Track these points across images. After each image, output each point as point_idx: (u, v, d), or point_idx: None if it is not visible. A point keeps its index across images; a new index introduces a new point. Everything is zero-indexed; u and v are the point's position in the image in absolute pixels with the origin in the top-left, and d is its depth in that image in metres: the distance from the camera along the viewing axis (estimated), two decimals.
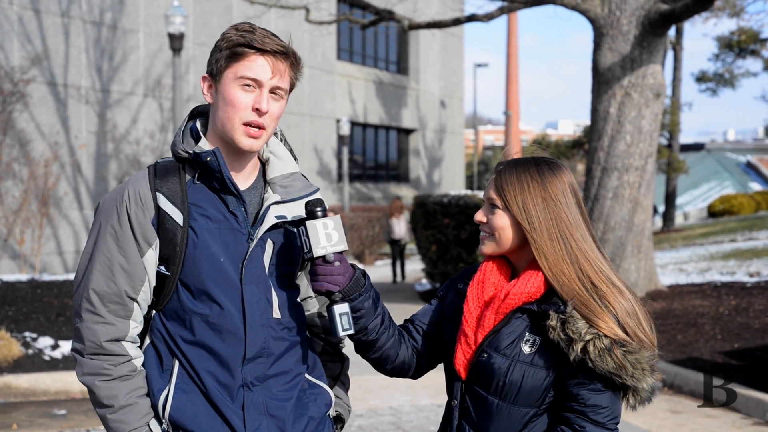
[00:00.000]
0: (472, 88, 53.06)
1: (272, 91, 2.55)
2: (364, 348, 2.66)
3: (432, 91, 38.09)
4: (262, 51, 2.51)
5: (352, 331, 2.51)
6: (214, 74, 2.56)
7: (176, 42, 16.27)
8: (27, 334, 9.48)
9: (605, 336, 2.34)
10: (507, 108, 52.07)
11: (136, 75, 21.63)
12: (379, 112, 34.88)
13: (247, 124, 2.53)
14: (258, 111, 2.53)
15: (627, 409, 2.46)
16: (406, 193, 35.32)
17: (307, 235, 2.47)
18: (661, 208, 35.77)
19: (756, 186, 51.47)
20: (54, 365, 8.90)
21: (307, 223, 2.47)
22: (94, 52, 20.57)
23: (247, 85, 2.52)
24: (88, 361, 2.55)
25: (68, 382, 8.50)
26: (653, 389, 2.39)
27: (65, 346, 9.28)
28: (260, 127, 2.55)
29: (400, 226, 20.04)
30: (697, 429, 7.26)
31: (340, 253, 2.49)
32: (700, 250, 20.53)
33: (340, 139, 30.25)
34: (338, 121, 30.96)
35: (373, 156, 36.35)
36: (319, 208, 2.48)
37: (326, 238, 2.46)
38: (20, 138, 18.28)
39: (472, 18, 14.96)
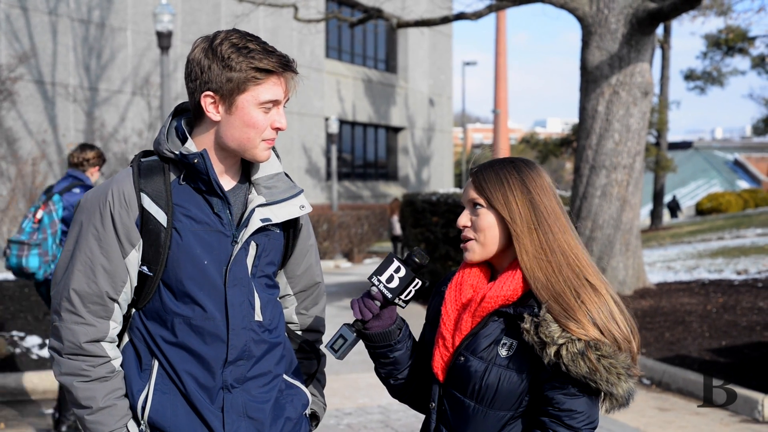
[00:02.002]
0: (461, 86, 53.06)
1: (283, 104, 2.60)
2: (397, 392, 2.73)
3: (421, 90, 38.09)
4: (278, 74, 2.52)
5: (336, 357, 2.55)
6: (222, 94, 2.51)
7: (164, 40, 16.23)
8: (14, 333, 9.45)
9: (579, 339, 2.32)
10: (496, 106, 52.13)
11: (124, 73, 21.58)
12: (368, 110, 34.87)
13: (265, 140, 2.56)
14: (278, 129, 2.57)
15: (603, 413, 2.45)
16: (395, 192, 35.32)
17: (381, 263, 2.53)
18: (649, 206, 35.85)
19: (743, 184, 51.68)
20: (42, 364, 8.88)
21: (390, 254, 2.53)
22: (82, 50, 20.51)
23: (267, 108, 2.53)
24: (66, 361, 2.53)
25: (56, 381, 8.46)
26: (629, 394, 2.36)
27: None
28: (275, 138, 2.61)
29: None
30: (685, 426, 7.28)
31: (389, 301, 2.52)
32: (688, 248, 20.59)
33: (329, 137, 30.24)
34: (327, 119, 30.95)
35: (362, 154, 36.34)
36: (416, 259, 2.51)
37: (388, 277, 2.50)
38: (7, 136, 18.23)
39: (460, 16, 14.95)
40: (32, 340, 9.31)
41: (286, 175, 2.77)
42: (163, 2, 16.40)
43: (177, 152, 2.56)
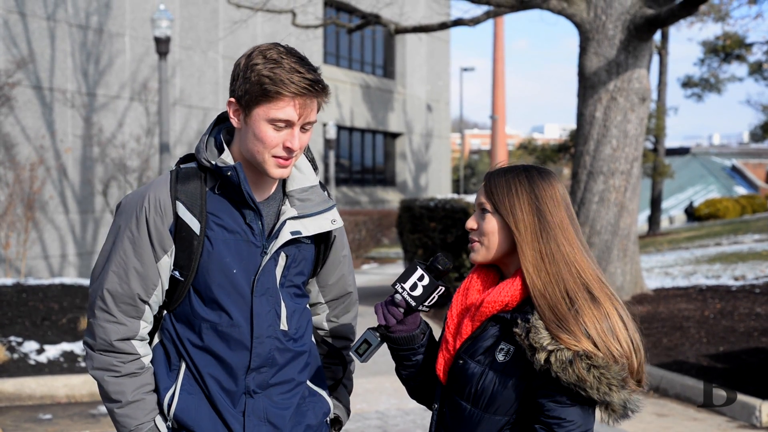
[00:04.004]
0: (459, 92, 53.10)
1: (302, 126, 2.57)
2: (417, 393, 2.76)
3: (418, 95, 38.11)
4: (293, 94, 2.50)
5: (361, 361, 2.56)
6: (241, 104, 2.54)
7: (162, 46, 16.23)
8: (12, 338, 9.44)
9: (567, 348, 2.32)
10: (493, 112, 52.12)
11: (122, 79, 21.57)
12: (366, 116, 34.88)
13: (276, 157, 2.56)
14: (288, 149, 2.55)
15: (602, 423, 2.43)
16: (393, 197, 35.32)
17: (405, 270, 2.54)
18: (646, 212, 35.85)
19: (741, 190, 51.67)
20: (39, 369, 8.87)
21: (417, 262, 2.53)
22: (80, 56, 20.51)
23: (279, 126, 2.52)
24: (98, 356, 2.61)
25: (53, 386, 8.47)
26: (626, 404, 2.32)
27: (50, 351, 9.25)
28: (290, 158, 2.59)
29: None
30: None
31: (413, 309, 2.54)
32: (685, 254, 20.59)
33: (327, 143, 30.24)
34: (325, 125, 30.95)
35: (360, 160, 36.34)
36: (438, 266, 2.53)
37: (412, 285, 2.51)
38: (5, 142, 18.21)
39: (458, 22, 14.97)
40: (30, 346, 9.30)
41: (322, 186, 2.78)
42: (161, 8, 16.40)
43: (213, 162, 2.60)
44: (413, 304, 2.52)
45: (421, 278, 2.51)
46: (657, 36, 28.43)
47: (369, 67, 36.18)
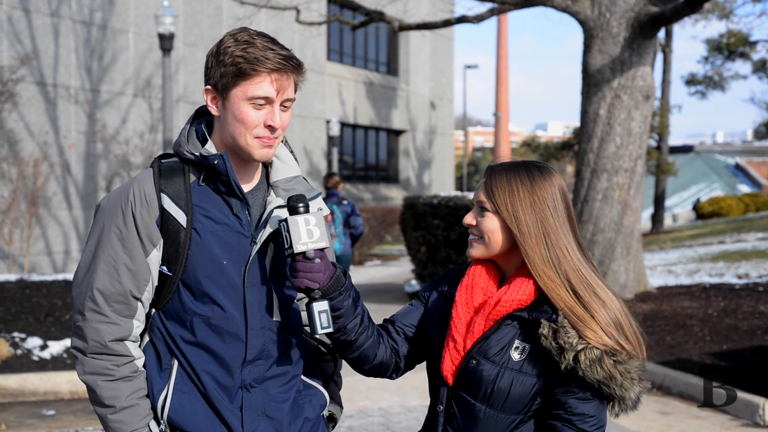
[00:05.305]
0: (462, 89, 53.13)
1: (282, 103, 2.56)
2: (342, 348, 2.63)
3: (422, 93, 38.08)
4: (269, 70, 2.50)
5: (330, 330, 2.48)
6: (218, 89, 2.54)
7: (166, 42, 16.24)
8: (16, 334, 9.45)
9: (595, 347, 2.35)
10: (497, 109, 52.13)
11: (125, 75, 21.58)
12: (369, 113, 34.86)
13: (259, 137, 2.55)
14: (270, 128, 2.54)
15: (612, 416, 2.47)
16: (396, 195, 35.30)
17: (288, 231, 2.44)
18: (650, 210, 35.81)
19: (744, 188, 51.58)
20: (43, 365, 8.88)
21: (289, 218, 2.45)
22: (84, 52, 20.52)
23: (259, 104, 2.52)
24: (90, 360, 2.55)
25: (57, 382, 8.48)
26: (638, 398, 2.40)
27: (54, 347, 9.25)
28: (273, 138, 2.57)
29: None
30: (686, 430, 7.27)
31: (321, 250, 2.47)
32: (688, 252, 20.58)
33: (330, 140, 30.24)
34: (328, 122, 30.94)
35: (363, 157, 36.31)
36: (301, 204, 2.46)
37: (307, 234, 2.44)
38: (9, 138, 18.22)
39: (462, 19, 14.96)
40: (33, 342, 9.31)
41: (304, 179, 2.78)
42: (164, 4, 16.42)
43: (197, 153, 2.58)
44: (324, 245, 2.45)
45: (307, 222, 2.44)
46: (661, 34, 28.39)
47: (372, 64, 36.15)
